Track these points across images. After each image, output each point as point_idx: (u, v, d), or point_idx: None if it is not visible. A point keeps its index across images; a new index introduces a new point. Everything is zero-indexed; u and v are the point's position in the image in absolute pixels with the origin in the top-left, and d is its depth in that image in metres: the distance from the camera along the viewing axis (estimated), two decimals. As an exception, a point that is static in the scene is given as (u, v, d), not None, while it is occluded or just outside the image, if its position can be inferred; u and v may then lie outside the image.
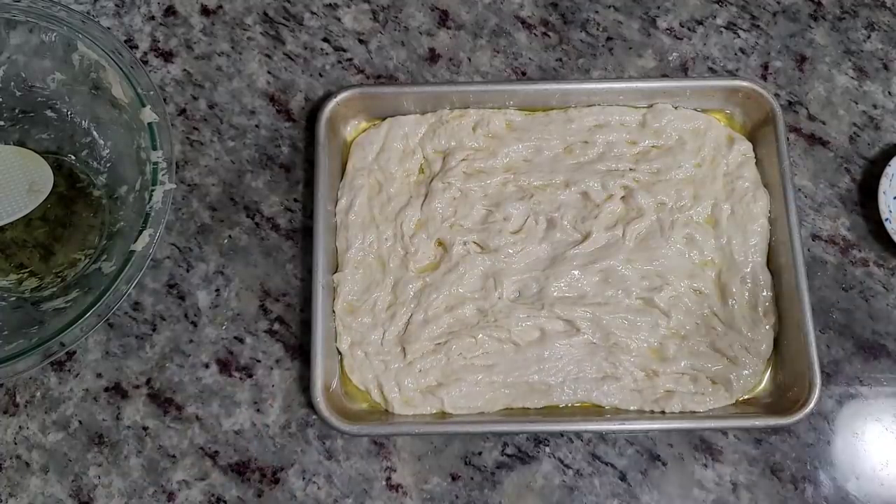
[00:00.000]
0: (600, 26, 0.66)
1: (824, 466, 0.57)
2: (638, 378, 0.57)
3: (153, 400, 0.58)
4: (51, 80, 0.57)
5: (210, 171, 0.62)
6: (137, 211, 0.53)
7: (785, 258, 0.58)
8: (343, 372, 0.58)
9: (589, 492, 0.56)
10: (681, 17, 0.66)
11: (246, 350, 0.59)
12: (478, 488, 0.56)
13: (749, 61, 0.65)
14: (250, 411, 0.58)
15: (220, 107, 0.64)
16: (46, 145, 0.60)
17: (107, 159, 0.59)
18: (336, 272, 0.59)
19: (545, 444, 0.57)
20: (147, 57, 0.65)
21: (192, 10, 0.66)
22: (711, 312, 0.58)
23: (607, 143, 0.61)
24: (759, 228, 0.59)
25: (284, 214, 0.62)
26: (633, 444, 0.57)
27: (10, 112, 0.59)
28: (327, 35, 0.66)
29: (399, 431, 0.56)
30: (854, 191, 0.63)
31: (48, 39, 0.55)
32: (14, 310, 0.56)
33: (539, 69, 0.65)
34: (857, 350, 0.59)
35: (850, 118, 0.64)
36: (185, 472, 0.57)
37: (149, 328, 0.59)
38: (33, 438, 0.57)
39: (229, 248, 0.61)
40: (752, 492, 0.56)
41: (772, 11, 0.67)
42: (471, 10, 0.66)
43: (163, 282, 0.60)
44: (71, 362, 0.59)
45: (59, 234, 0.59)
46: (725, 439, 0.57)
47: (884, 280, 0.61)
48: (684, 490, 0.56)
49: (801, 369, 0.55)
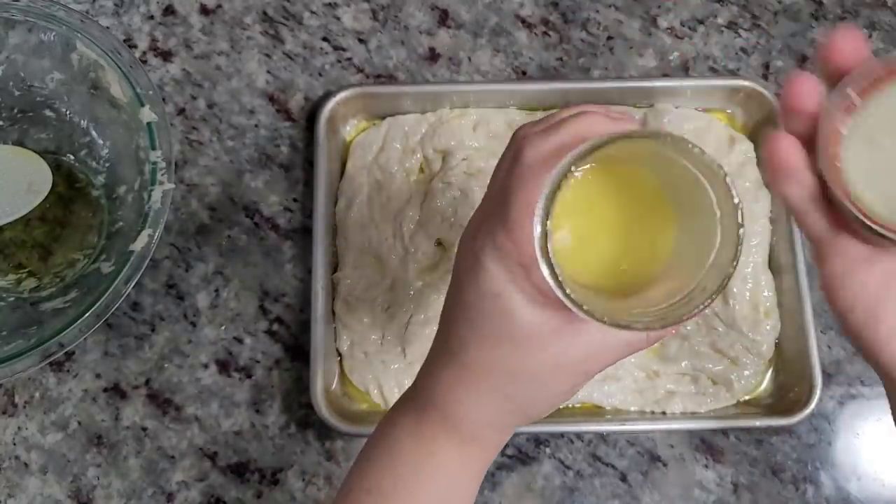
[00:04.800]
0: (601, 25, 0.66)
1: (825, 467, 0.57)
2: (639, 378, 0.57)
3: (152, 400, 0.58)
4: (49, 79, 0.57)
5: (209, 171, 0.62)
6: (136, 211, 0.53)
7: (786, 258, 0.58)
8: (343, 372, 0.58)
9: (589, 493, 0.56)
10: (682, 16, 0.66)
11: (245, 350, 0.59)
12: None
13: (750, 61, 0.65)
14: (249, 412, 0.58)
15: (219, 106, 0.64)
16: (45, 145, 0.60)
17: (105, 159, 0.59)
18: (336, 272, 0.59)
19: (545, 444, 0.57)
20: (146, 56, 0.65)
21: (192, 9, 0.66)
22: (712, 313, 0.58)
23: (608, 142, 0.61)
24: (761, 228, 0.59)
25: (284, 214, 0.61)
26: (633, 444, 0.57)
27: (8, 112, 0.58)
28: (327, 34, 0.65)
29: (399, 432, 0.56)
30: (855, 191, 0.62)
31: (47, 39, 0.55)
32: (13, 310, 0.56)
33: (539, 68, 0.65)
34: (859, 350, 0.59)
35: (852, 118, 0.64)
36: (184, 473, 0.56)
37: (148, 328, 0.59)
38: (32, 439, 0.57)
39: (228, 248, 0.61)
40: (753, 492, 0.56)
41: (773, 11, 0.66)
42: (471, 10, 0.66)
43: (162, 282, 0.60)
44: (70, 363, 0.58)
45: (58, 234, 0.59)
46: (726, 440, 0.57)
47: (885, 280, 0.60)
48: (685, 491, 0.56)
49: (803, 370, 0.55)
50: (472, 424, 0.36)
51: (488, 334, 0.34)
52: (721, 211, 0.30)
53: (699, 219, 0.31)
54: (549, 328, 0.33)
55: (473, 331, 0.35)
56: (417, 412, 0.37)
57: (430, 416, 0.36)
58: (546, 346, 0.34)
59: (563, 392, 0.36)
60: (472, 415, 0.36)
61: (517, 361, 0.34)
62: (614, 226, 0.33)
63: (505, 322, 0.34)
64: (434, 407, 0.36)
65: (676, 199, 0.32)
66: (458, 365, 0.36)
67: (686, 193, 0.31)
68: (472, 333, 0.35)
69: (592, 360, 0.35)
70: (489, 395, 0.35)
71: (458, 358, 0.36)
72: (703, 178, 0.30)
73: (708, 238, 0.30)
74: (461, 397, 0.36)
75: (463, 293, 0.36)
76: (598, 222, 0.34)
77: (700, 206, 0.30)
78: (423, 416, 0.37)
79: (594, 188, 0.33)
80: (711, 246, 0.30)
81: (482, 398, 0.35)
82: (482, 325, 0.35)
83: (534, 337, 0.34)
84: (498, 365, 0.35)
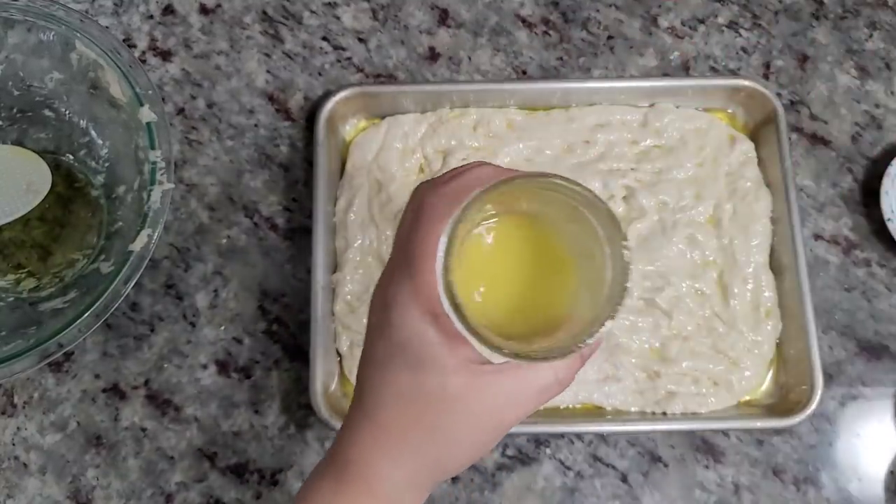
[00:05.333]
0: (601, 25, 0.66)
1: (826, 468, 0.57)
2: (639, 379, 0.57)
3: (151, 401, 0.58)
4: (49, 79, 0.57)
5: (208, 171, 0.62)
6: (136, 211, 0.53)
7: (787, 258, 0.58)
8: (342, 373, 0.57)
9: (590, 493, 0.56)
10: (682, 15, 0.66)
11: (244, 351, 0.59)
12: (478, 490, 0.56)
13: (751, 60, 0.65)
14: (249, 413, 0.57)
15: (218, 106, 0.64)
16: (44, 145, 0.60)
17: (105, 159, 0.59)
18: (335, 272, 0.59)
19: (546, 445, 0.57)
20: (145, 56, 0.64)
21: (191, 8, 0.66)
22: (713, 313, 0.58)
23: (608, 142, 0.61)
24: (762, 228, 0.59)
25: (283, 214, 0.61)
26: (634, 445, 0.57)
27: (7, 111, 0.58)
28: (326, 34, 0.65)
29: (399, 433, 0.56)
30: (856, 191, 0.62)
31: (46, 38, 0.55)
32: (12, 310, 0.56)
33: (540, 68, 0.65)
34: (860, 351, 0.59)
35: (853, 118, 0.64)
36: (183, 474, 0.56)
37: (147, 329, 0.59)
38: (31, 439, 0.57)
39: (228, 248, 0.61)
40: (754, 493, 0.56)
41: (773, 10, 0.66)
42: (471, 9, 0.66)
43: (161, 282, 0.60)
44: (69, 363, 0.58)
45: (57, 234, 0.59)
46: (727, 440, 0.57)
47: (886, 280, 0.60)
48: (686, 491, 0.56)
49: (803, 370, 0.55)
50: (392, 487, 0.35)
51: (401, 394, 0.34)
52: (608, 243, 0.31)
53: (594, 256, 0.32)
54: (461, 382, 0.33)
55: (386, 389, 0.34)
56: (336, 478, 0.36)
57: (348, 480, 0.36)
58: (459, 400, 0.33)
59: (480, 445, 0.35)
60: (390, 477, 0.35)
61: (431, 419, 0.34)
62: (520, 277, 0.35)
63: (414, 379, 0.33)
64: (352, 471, 0.36)
65: (575, 241, 0.34)
66: (374, 425, 0.35)
67: (581, 234, 0.32)
68: (385, 392, 0.34)
69: (506, 411, 0.34)
70: (406, 456, 0.35)
71: (373, 418, 0.35)
72: (589, 215, 0.32)
73: (602, 273, 0.32)
74: (378, 460, 0.35)
75: (374, 349, 0.35)
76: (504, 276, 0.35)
77: (593, 243, 0.32)
78: (342, 481, 0.36)
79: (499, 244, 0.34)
80: (605, 280, 0.31)
81: (399, 459, 0.35)
82: (393, 384, 0.34)
83: (446, 392, 0.33)
84: (413, 423, 0.34)
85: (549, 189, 0.32)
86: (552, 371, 0.35)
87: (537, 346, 0.32)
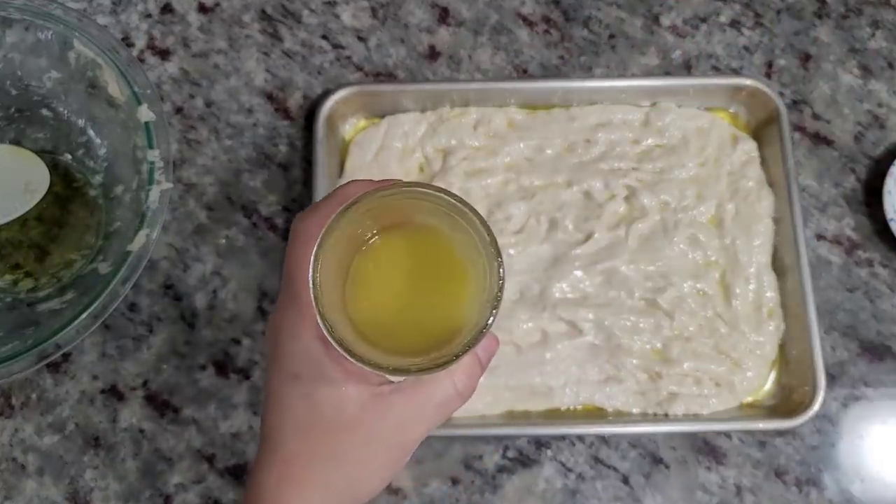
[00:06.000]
0: (602, 23, 0.65)
1: (829, 469, 0.56)
2: (641, 380, 0.56)
3: (149, 402, 0.57)
4: (46, 78, 0.56)
5: (207, 171, 0.62)
6: (134, 211, 0.52)
7: (789, 258, 0.57)
8: (342, 374, 0.57)
9: (591, 495, 0.56)
10: (684, 14, 0.66)
11: (243, 352, 0.58)
12: (478, 492, 0.56)
13: (753, 59, 0.65)
14: (248, 413, 0.57)
15: (217, 105, 0.63)
16: (42, 144, 0.59)
17: (103, 158, 0.59)
18: (335, 273, 0.58)
19: (547, 447, 0.57)
20: (143, 55, 0.64)
21: (190, 7, 0.65)
22: (715, 314, 0.58)
23: (610, 141, 0.61)
24: (764, 228, 0.59)
25: (282, 214, 0.61)
26: (635, 446, 0.57)
27: (5, 111, 0.58)
28: (326, 32, 0.65)
29: (399, 434, 0.55)
30: (859, 190, 0.62)
31: (44, 37, 0.54)
32: (9, 311, 0.56)
33: (541, 67, 0.64)
34: (863, 351, 0.59)
35: (855, 117, 0.63)
36: (181, 476, 0.56)
37: (145, 329, 0.59)
38: (29, 441, 0.57)
39: (226, 248, 0.60)
40: (756, 495, 0.56)
41: (776, 9, 0.66)
42: (471, 7, 0.66)
43: (159, 283, 0.59)
44: (67, 364, 0.58)
45: (55, 235, 0.59)
46: (729, 442, 0.57)
47: (889, 281, 0.60)
48: (687, 493, 0.56)
49: (806, 371, 0.55)
50: None
51: (300, 423, 0.34)
52: (483, 248, 0.31)
53: (477, 263, 0.32)
54: (359, 405, 0.33)
55: (285, 421, 0.34)
56: None
57: None
58: (359, 424, 0.33)
59: (389, 465, 0.35)
60: None
61: (331, 446, 0.33)
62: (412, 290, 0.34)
63: (311, 407, 0.33)
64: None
65: (462, 249, 0.34)
66: (280, 461, 0.35)
67: (464, 242, 0.32)
68: (286, 424, 0.34)
69: (409, 430, 0.34)
70: (314, 487, 0.34)
71: (278, 453, 0.35)
72: (462, 222, 0.31)
73: (484, 280, 0.32)
74: (287, 495, 0.34)
75: (270, 382, 0.35)
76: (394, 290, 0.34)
77: (473, 250, 0.32)
78: None
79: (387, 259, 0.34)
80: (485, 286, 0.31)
81: (307, 491, 0.34)
82: (291, 414, 0.34)
83: (344, 416, 0.33)
84: (314, 453, 0.34)
85: (419, 199, 0.31)
86: (451, 383, 0.34)
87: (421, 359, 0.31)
